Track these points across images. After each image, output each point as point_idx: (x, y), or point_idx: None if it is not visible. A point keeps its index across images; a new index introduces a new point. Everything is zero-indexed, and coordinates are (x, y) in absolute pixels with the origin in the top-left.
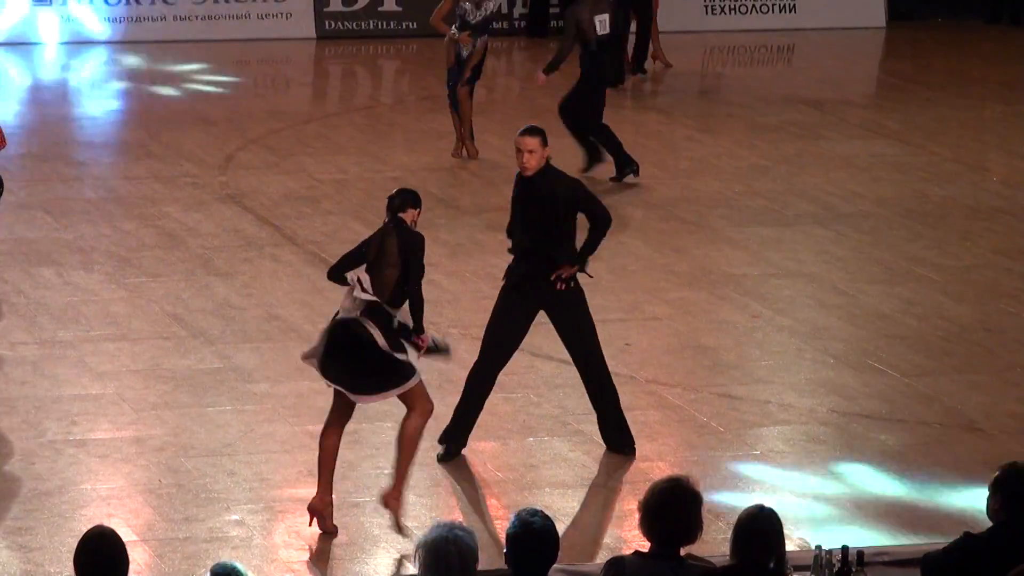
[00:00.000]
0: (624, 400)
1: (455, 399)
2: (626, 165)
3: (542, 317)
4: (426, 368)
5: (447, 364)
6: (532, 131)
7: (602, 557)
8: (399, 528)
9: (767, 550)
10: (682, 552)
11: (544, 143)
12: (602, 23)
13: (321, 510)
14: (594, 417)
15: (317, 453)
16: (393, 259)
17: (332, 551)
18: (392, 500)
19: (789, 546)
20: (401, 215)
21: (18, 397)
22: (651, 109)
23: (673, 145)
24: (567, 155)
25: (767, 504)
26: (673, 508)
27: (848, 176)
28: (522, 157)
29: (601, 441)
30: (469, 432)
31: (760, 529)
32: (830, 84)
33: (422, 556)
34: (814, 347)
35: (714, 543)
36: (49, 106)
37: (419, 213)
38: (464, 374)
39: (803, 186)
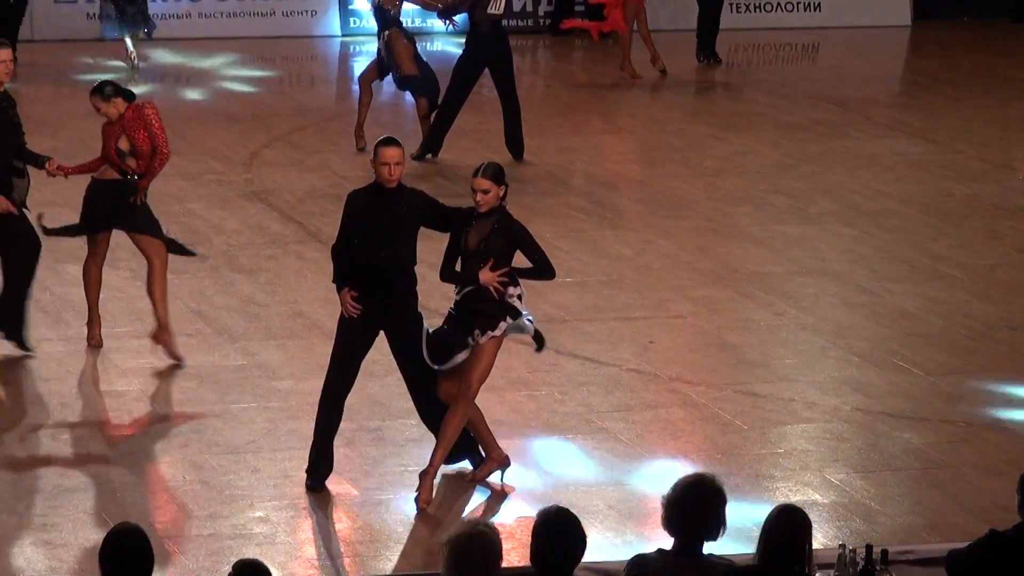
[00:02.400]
0: (647, 398)
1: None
2: (430, 149)
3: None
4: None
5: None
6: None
7: (626, 555)
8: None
9: (794, 549)
10: (705, 550)
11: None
12: (496, 3)
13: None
14: (619, 415)
15: (343, 450)
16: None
17: (356, 548)
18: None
19: (814, 544)
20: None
21: (43, 393)
22: (675, 107)
23: (697, 143)
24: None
25: (792, 503)
26: (696, 506)
27: (873, 175)
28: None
29: (622, 438)
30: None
31: (787, 528)
32: (855, 82)
33: (447, 553)
34: (838, 345)
35: (738, 541)
36: (76, 103)
37: (504, 191)
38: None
39: (827, 184)
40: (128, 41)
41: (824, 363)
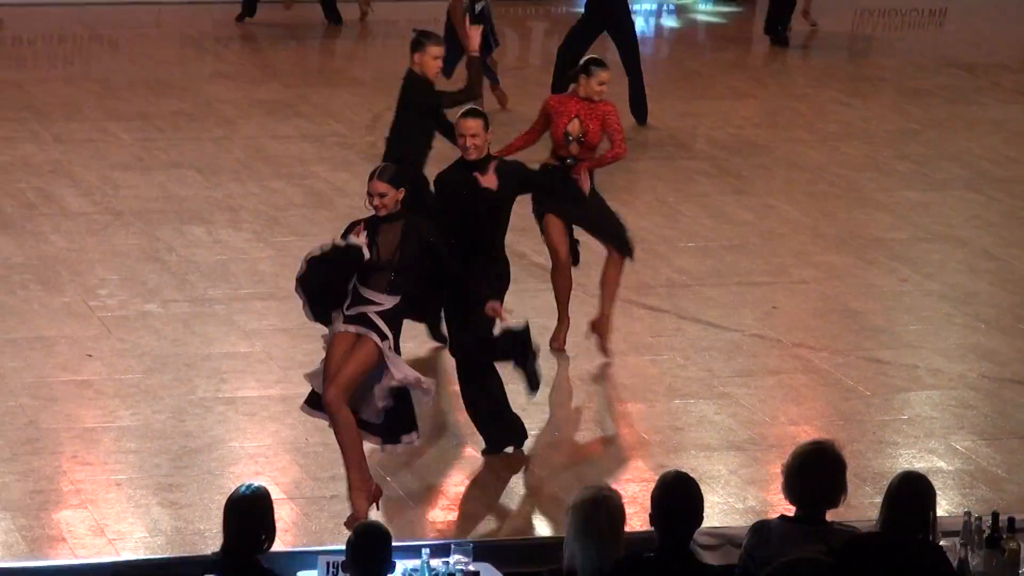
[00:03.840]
0: (770, 363)
1: None
2: None
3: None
4: None
5: None
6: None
7: (747, 521)
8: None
9: (917, 515)
10: (828, 517)
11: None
12: None
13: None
14: (740, 380)
15: (462, 412)
16: None
17: (478, 511)
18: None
19: (938, 512)
20: None
21: (169, 354)
22: (799, 72)
23: (821, 108)
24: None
25: (916, 469)
26: (816, 472)
27: (1001, 140)
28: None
29: (744, 403)
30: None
31: (910, 494)
32: (983, 48)
33: (571, 518)
34: (964, 312)
35: (861, 508)
36: (200, 64)
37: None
38: None
39: (954, 150)
40: None
41: (949, 329)
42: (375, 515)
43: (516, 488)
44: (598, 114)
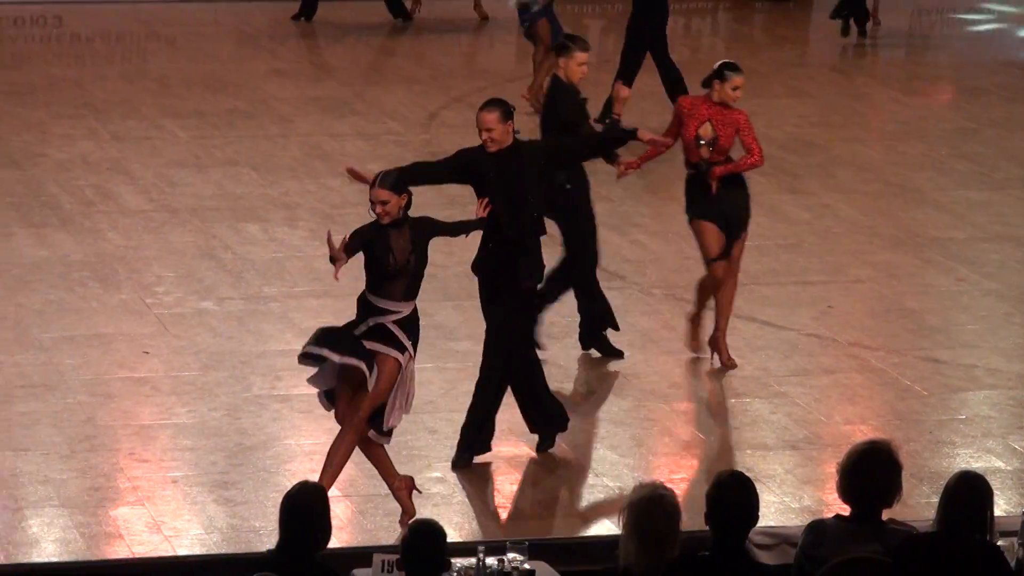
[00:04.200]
0: (825, 363)
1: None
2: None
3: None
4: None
5: None
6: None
7: (803, 520)
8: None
9: (974, 515)
10: (884, 516)
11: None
12: None
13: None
14: (796, 379)
15: (518, 410)
16: None
17: (534, 509)
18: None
19: (996, 511)
20: None
21: (224, 352)
22: (856, 70)
23: (879, 107)
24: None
25: (973, 468)
26: (871, 471)
27: None
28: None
29: (800, 403)
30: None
31: (967, 494)
32: None
33: (628, 516)
34: (1023, 311)
35: (917, 507)
36: (256, 62)
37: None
38: None
39: (1012, 149)
40: None
41: (1008, 329)
42: (419, 501)
43: (572, 486)
44: (731, 120)
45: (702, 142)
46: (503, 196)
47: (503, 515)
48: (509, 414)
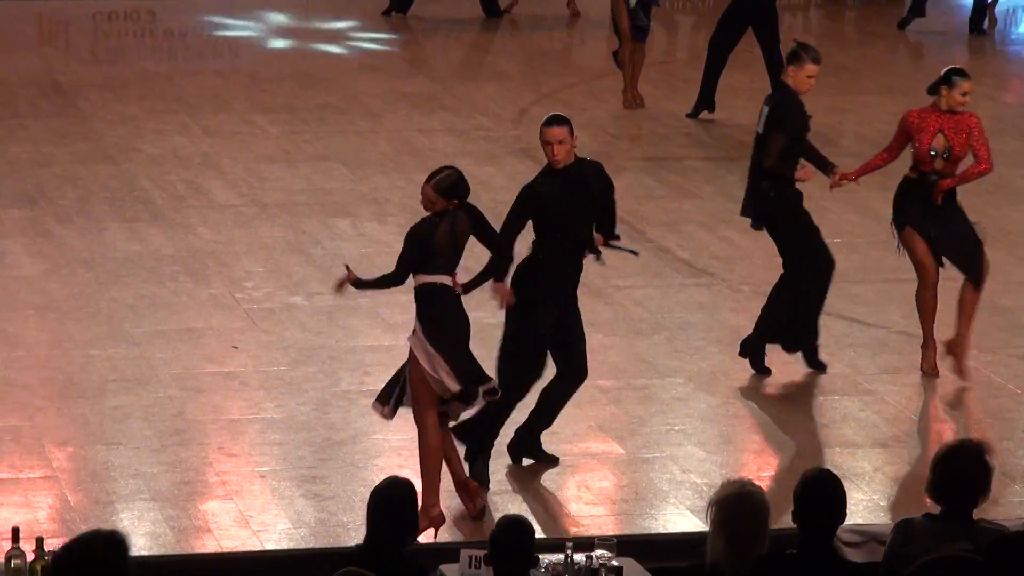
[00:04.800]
0: (917, 361)
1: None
2: (705, 105)
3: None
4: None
5: None
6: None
7: (892, 518)
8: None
9: None
10: (974, 515)
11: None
12: None
13: None
14: (886, 377)
15: (609, 408)
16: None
17: (621, 506)
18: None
19: None
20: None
21: (314, 347)
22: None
23: (973, 104)
24: None
25: None
26: (961, 470)
27: None
28: (551, 149)
29: (890, 400)
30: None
31: None
32: None
33: (716, 513)
34: None
35: (1010, 506)
36: (346, 57)
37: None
38: None
39: None
40: None
41: None
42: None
43: (659, 483)
44: (963, 127)
45: (933, 153)
46: (563, 212)
47: (591, 512)
48: (596, 409)
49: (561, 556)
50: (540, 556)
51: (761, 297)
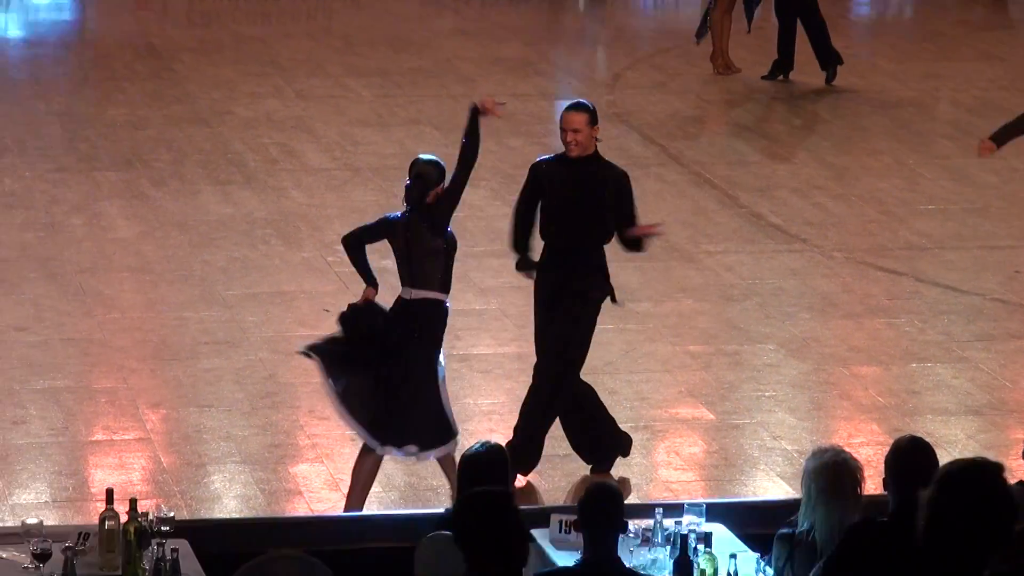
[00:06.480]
0: (1012, 328)
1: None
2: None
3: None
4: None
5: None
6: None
7: None
8: None
9: None
10: None
11: (593, 121)
12: None
13: None
14: (981, 344)
15: (700, 374)
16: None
17: (711, 471)
18: None
19: None
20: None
21: None
22: None
23: None
24: None
25: None
26: None
27: None
28: (566, 135)
29: (984, 368)
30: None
31: None
32: None
33: (808, 480)
34: None
35: None
36: (440, 21)
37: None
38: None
39: None
40: None
41: None
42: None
43: (749, 449)
44: None
45: None
46: (565, 201)
47: (680, 477)
48: (686, 375)
49: (650, 521)
50: (629, 521)
51: (854, 264)
